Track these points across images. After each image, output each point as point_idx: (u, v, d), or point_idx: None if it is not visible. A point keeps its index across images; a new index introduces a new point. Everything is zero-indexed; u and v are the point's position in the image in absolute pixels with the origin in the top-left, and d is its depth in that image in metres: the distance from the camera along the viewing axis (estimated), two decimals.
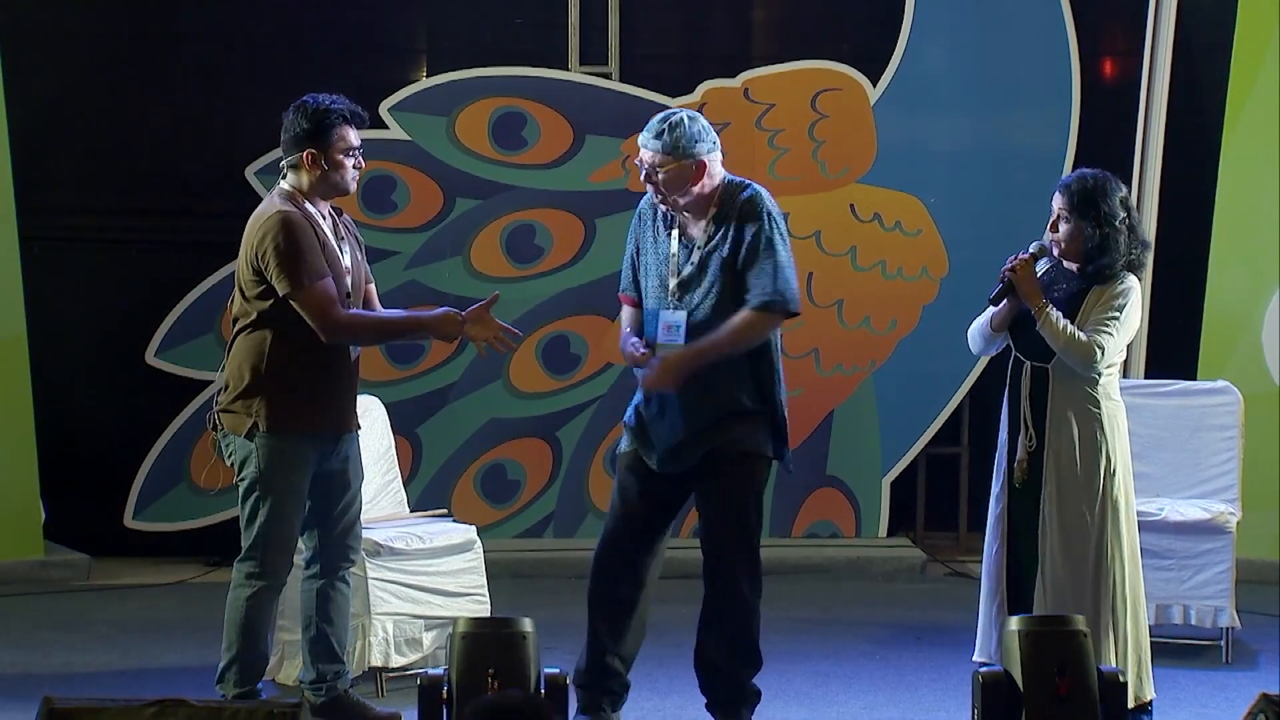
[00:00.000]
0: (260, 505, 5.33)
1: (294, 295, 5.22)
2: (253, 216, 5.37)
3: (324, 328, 5.25)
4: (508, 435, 8.22)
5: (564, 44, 8.41)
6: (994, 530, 5.58)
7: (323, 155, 5.34)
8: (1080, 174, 5.53)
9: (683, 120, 5.23)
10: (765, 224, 5.21)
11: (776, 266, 5.21)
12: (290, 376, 5.29)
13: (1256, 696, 3.90)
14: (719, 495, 5.30)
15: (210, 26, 8.31)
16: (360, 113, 5.47)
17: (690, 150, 5.19)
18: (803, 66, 8.29)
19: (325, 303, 5.24)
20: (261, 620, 5.40)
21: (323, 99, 5.44)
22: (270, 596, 5.41)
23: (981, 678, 4.18)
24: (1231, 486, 6.72)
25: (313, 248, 5.26)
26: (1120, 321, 5.38)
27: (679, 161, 5.19)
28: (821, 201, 8.25)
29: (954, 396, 8.34)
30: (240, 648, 5.37)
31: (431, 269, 8.15)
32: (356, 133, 5.42)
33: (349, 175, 5.40)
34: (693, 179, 5.22)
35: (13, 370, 7.71)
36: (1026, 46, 8.27)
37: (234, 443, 5.38)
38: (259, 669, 5.44)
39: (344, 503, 5.50)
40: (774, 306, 5.21)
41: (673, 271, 5.30)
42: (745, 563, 5.32)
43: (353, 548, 5.57)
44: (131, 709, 3.65)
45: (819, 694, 6.08)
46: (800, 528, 8.35)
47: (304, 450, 5.33)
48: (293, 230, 5.24)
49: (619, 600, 5.39)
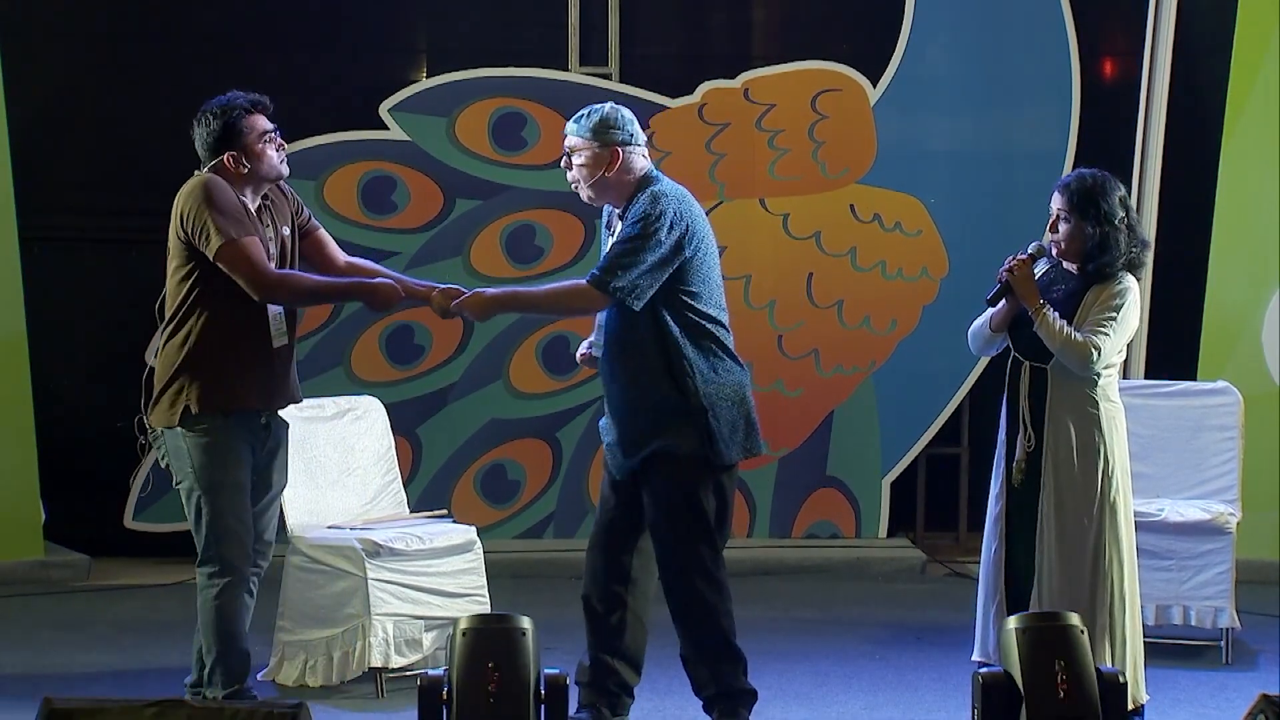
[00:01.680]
0: (203, 503, 5.30)
1: (224, 251, 5.17)
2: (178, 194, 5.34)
3: (256, 283, 5.21)
4: (508, 436, 8.22)
5: (564, 44, 8.41)
6: (992, 530, 5.58)
7: (241, 152, 5.32)
8: (1079, 173, 5.53)
9: (604, 109, 5.34)
10: (639, 212, 5.22)
11: (622, 251, 5.20)
12: (217, 356, 5.26)
13: (1256, 697, 3.89)
14: (652, 499, 5.34)
15: (210, 27, 8.32)
16: (260, 99, 5.43)
17: (603, 136, 5.28)
18: (803, 67, 8.29)
19: (256, 258, 5.21)
20: (235, 618, 5.34)
21: (221, 99, 5.40)
22: (237, 591, 5.35)
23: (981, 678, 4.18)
24: (1231, 487, 6.72)
25: (239, 209, 5.25)
26: (1117, 322, 5.38)
27: (591, 146, 5.29)
28: (821, 202, 8.26)
29: (954, 396, 8.34)
30: (220, 650, 5.34)
31: (431, 269, 8.13)
32: (264, 117, 5.39)
33: (274, 160, 5.36)
34: (606, 166, 5.28)
35: (13, 370, 7.71)
36: (1026, 46, 8.27)
37: (166, 440, 5.34)
38: (244, 666, 5.39)
39: (261, 504, 5.45)
40: (597, 282, 5.21)
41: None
42: (690, 562, 5.32)
43: (261, 553, 5.49)
44: (131, 709, 3.65)
45: (819, 694, 6.08)
46: (800, 528, 8.35)
47: (236, 434, 5.30)
48: (219, 189, 5.24)
49: (608, 598, 5.43)
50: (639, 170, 5.34)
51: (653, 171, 5.37)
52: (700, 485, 5.31)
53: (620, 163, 5.29)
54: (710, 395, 5.28)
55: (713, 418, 5.27)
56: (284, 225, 5.45)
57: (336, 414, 6.40)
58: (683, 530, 5.32)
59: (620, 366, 5.33)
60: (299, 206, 5.57)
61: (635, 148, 5.33)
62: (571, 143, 5.34)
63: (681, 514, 5.31)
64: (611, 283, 5.19)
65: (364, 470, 6.39)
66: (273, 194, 5.46)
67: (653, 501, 5.35)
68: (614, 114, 5.32)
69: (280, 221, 5.44)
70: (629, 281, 5.19)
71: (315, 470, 6.27)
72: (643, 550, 5.44)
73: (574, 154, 5.33)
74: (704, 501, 5.31)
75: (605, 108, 5.35)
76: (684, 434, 5.27)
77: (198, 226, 5.21)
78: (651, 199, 5.26)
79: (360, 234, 8.11)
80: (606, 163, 5.29)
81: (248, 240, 5.21)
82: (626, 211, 5.32)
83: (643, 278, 5.20)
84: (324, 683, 5.96)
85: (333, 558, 6.00)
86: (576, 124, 5.34)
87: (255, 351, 5.32)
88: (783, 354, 8.26)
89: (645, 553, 5.44)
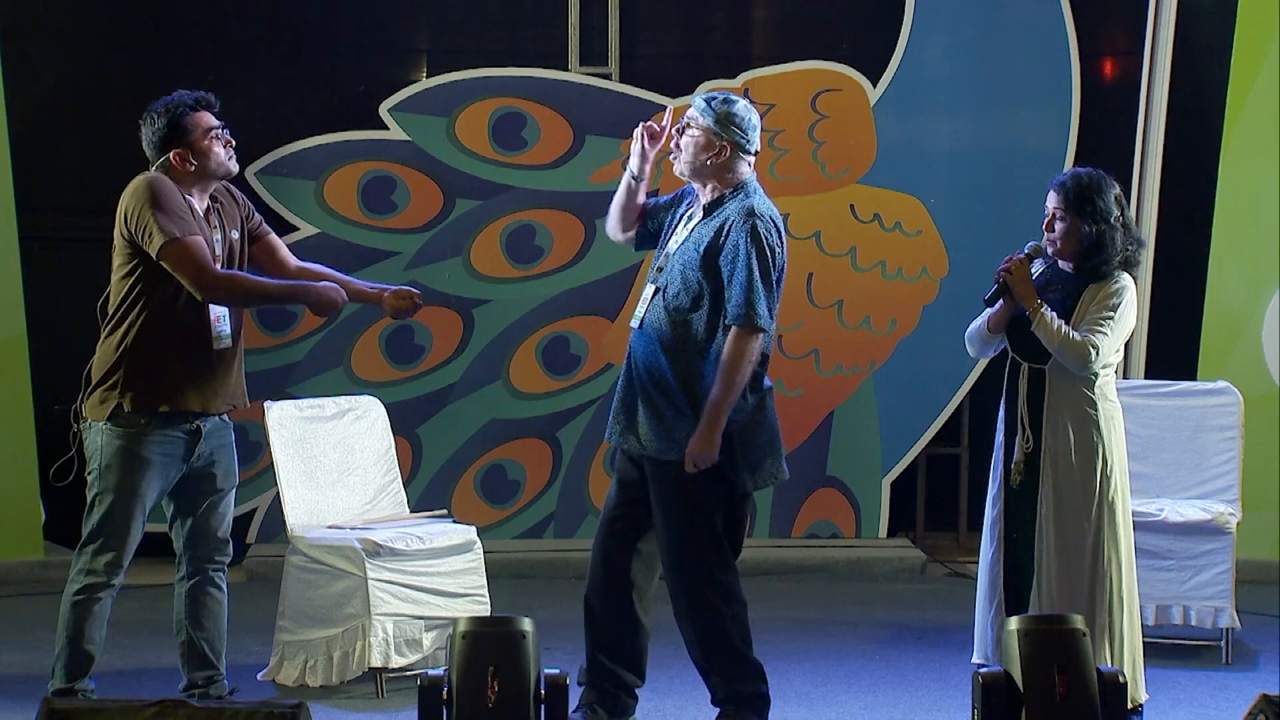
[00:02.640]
0: (100, 500, 5.30)
1: (167, 249, 5.15)
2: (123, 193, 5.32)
3: (199, 282, 5.19)
4: (508, 436, 8.23)
5: (564, 44, 8.41)
6: (991, 531, 5.58)
7: (188, 149, 5.29)
8: (1074, 172, 5.54)
9: (739, 103, 5.33)
10: (744, 236, 5.20)
11: (742, 282, 5.19)
12: (154, 356, 5.25)
13: (1256, 697, 3.90)
14: (655, 503, 5.34)
15: (210, 26, 8.32)
16: (205, 96, 5.40)
17: (724, 126, 5.26)
18: (803, 67, 8.30)
19: (200, 257, 5.18)
20: (86, 620, 5.31)
21: (167, 98, 5.38)
22: (98, 596, 5.32)
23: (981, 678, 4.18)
24: (1231, 487, 6.72)
25: (183, 207, 5.23)
26: (1115, 321, 5.38)
27: (709, 130, 5.27)
28: (821, 202, 8.26)
29: (954, 397, 8.34)
30: (63, 645, 5.32)
31: (431, 269, 8.15)
32: (210, 114, 5.36)
33: (221, 156, 5.33)
34: (713, 154, 5.28)
35: (13, 370, 7.71)
36: (1026, 46, 8.28)
37: (90, 430, 5.33)
38: (84, 666, 5.34)
39: (210, 503, 5.44)
40: (734, 323, 5.20)
41: (661, 248, 5.41)
42: (690, 567, 5.32)
43: (219, 549, 5.49)
44: (131, 709, 3.65)
45: (819, 694, 6.08)
46: (800, 528, 8.35)
47: (158, 443, 5.27)
48: (163, 188, 5.23)
49: (607, 599, 5.43)
50: (740, 174, 5.33)
51: (751, 181, 5.36)
52: (711, 496, 5.30)
53: (725, 159, 5.28)
54: (741, 420, 5.26)
55: (740, 442, 5.26)
56: (233, 228, 5.42)
57: (336, 414, 6.41)
58: (674, 535, 5.31)
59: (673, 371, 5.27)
60: (249, 211, 5.53)
61: (746, 155, 5.32)
62: (692, 115, 5.32)
63: (677, 518, 5.31)
64: (758, 319, 5.18)
65: (364, 470, 6.39)
66: (222, 197, 5.43)
67: (655, 506, 5.34)
68: (745, 114, 5.30)
69: (229, 224, 5.41)
70: (766, 308, 5.20)
71: (315, 470, 6.27)
72: (643, 552, 5.44)
73: (690, 127, 5.31)
74: (713, 510, 5.31)
75: (741, 104, 5.32)
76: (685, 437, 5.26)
77: (140, 225, 5.19)
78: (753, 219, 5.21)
79: (360, 234, 8.12)
80: (714, 152, 5.28)
81: (191, 239, 5.18)
82: (714, 209, 5.29)
83: (773, 300, 5.25)
84: (324, 683, 5.96)
85: (333, 558, 6.00)
86: (706, 103, 5.31)
87: (194, 353, 5.29)
88: (783, 354, 8.25)
89: (645, 554, 5.44)
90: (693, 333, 5.24)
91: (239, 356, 5.46)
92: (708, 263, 5.23)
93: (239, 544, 8.03)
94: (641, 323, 5.33)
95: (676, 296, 5.27)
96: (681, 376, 5.25)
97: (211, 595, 5.50)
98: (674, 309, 5.27)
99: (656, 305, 5.31)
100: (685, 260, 5.27)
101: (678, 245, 5.32)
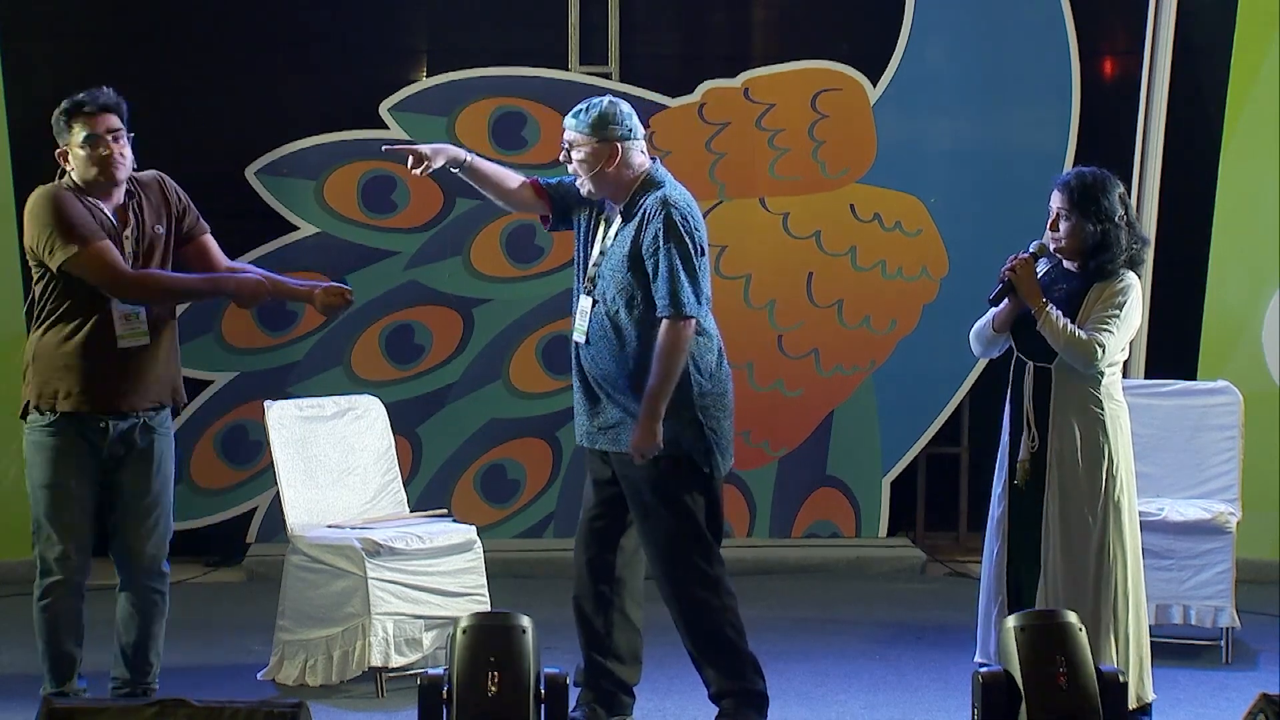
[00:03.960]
0: (31, 497, 5.31)
1: (73, 261, 5.11)
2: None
3: (112, 284, 5.15)
4: (508, 435, 8.22)
5: (564, 44, 8.41)
6: (995, 531, 5.57)
7: (66, 150, 5.25)
8: (1078, 171, 5.53)
9: (603, 103, 5.32)
10: (663, 227, 5.21)
11: (670, 275, 5.20)
12: (54, 356, 5.22)
13: (1256, 696, 3.90)
14: (631, 502, 5.37)
15: (210, 26, 8.31)
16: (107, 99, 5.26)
17: (603, 131, 5.26)
18: (803, 66, 8.29)
19: (109, 260, 5.13)
20: (57, 619, 5.31)
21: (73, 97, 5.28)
22: (60, 594, 5.31)
23: (981, 677, 4.18)
24: (1231, 486, 6.72)
25: (82, 215, 5.16)
26: (1120, 319, 5.38)
27: (590, 141, 5.27)
28: (821, 201, 8.26)
29: (954, 396, 8.34)
30: (43, 649, 5.33)
31: (431, 269, 8.15)
32: (99, 118, 5.22)
33: (94, 165, 5.20)
34: (605, 161, 5.27)
35: (13, 370, 7.69)
36: (1026, 46, 8.27)
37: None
38: (68, 668, 5.35)
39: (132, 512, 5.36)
40: (668, 315, 5.20)
41: (584, 260, 5.42)
42: (676, 562, 5.33)
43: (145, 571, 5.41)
44: (131, 709, 3.65)
45: (819, 693, 6.08)
46: (800, 528, 8.35)
47: (67, 438, 5.24)
48: (55, 199, 5.17)
49: (595, 598, 5.44)
50: (638, 166, 5.33)
51: (655, 168, 5.37)
52: (687, 488, 5.32)
53: (620, 158, 5.29)
54: (708, 406, 5.29)
55: (709, 429, 5.29)
56: (157, 222, 5.33)
57: (336, 414, 6.41)
58: (672, 531, 5.32)
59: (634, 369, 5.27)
60: (184, 208, 5.43)
61: (635, 142, 5.33)
62: (571, 137, 5.34)
63: (668, 516, 5.32)
64: (685, 308, 5.19)
65: (364, 470, 6.40)
66: (150, 189, 5.35)
67: (636, 504, 5.35)
68: (613, 109, 5.31)
69: (152, 218, 5.32)
70: (692, 295, 5.20)
71: (315, 470, 6.27)
72: (624, 549, 5.46)
73: (574, 148, 5.32)
74: (691, 502, 5.32)
75: (604, 102, 5.34)
76: (683, 440, 5.27)
77: (42, 244, 5.16)
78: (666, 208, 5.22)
79: (360, 234, 8.12)
80: (606, 157, 5.28)
81: (96, 246, 5.13)
82: (630, 210, 5.30)
83: (704, 285, 5.25)
84: (324, 682, 5.97)
85: (333, 557, 6.00)
86: (575, 118, 5.33)
87: (95, 354, 5.22)
88: (783, 354, 8.26)
89: (628, 551, 5.46)
90: (639, 334, 5.27)
91: (163, 354, 5.33)
92: (634, 263, 5.26)
93: (239, 544, 8.05)
94: (587, 338, 5.35)
95: (614, 302, 5.29)
96: (637, 377, 5.26)
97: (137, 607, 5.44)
98: (614, 314, 5.30)
99: (598, 315, 5.33)
100: (614, 266, 5.30)
101: (604, 255, 5.33)
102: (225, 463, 8.07)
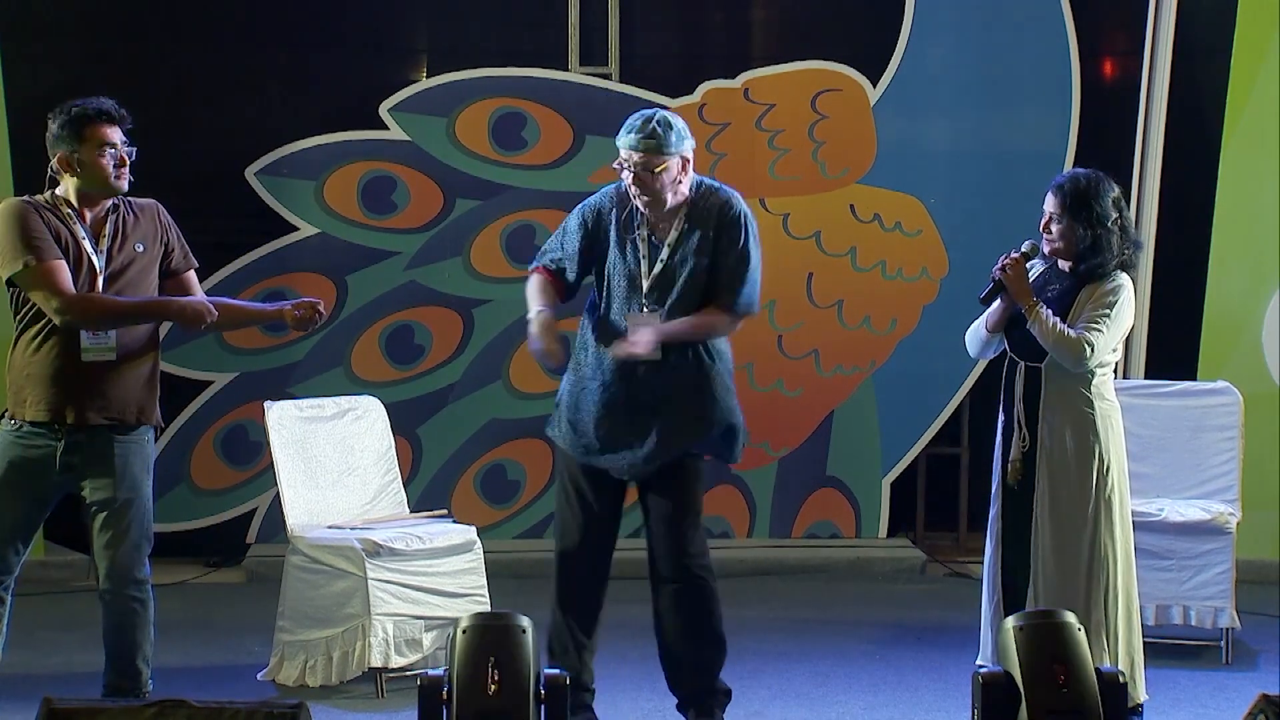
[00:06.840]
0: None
1: (20, 276, 5.10)
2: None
3: (53, 305, 5.11)
4: (508, 435, 8.23)
5: (564, 44, 8.41)
6: (992, 530, 5.58)
7: (77, 155, 5.22)
8: (1073, 174, 5.52)
9: (669, 118, 5.23)
10: (743, 231, 5.25)
11: (749, 275, 5.27)
12: (18, 363, 5.21)
13: (1256, 697, 3.90)
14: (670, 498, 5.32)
15: (210, 26, 8.32)
16: (117, 111, 5.29)
17: (680, 147, 5.21)
18: (803, 67, 8.30)
19: (54, 281, 5.09)
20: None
21: (80, 100, 5.30)
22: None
23: (981, 678, 4.18)
24: (1231, 487, 6.72)
25: (40, 232, 5.13)
26: (1111, 319, 5.37)
27: (668, 159, 5.18)
28: (821, 202, 8.26)
29: (954, 397, 8.34)
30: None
31: (431, 269, 8.16)
32: (115, 129, 5.25)
33: (108, 174, 5.21)
34: (681, 172, 5.23)
35: None
36: (1026, 46, 8.28)
37: None
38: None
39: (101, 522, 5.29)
40: (738, 311, 5.28)
41: (644, 273, 5.27)
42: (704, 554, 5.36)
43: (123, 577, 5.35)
44: (131, 709, 3.66)
45: (819, 694, 6.08)
46: (800, 528, 8.35)
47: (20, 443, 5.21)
48: (13, 214, 5.16)
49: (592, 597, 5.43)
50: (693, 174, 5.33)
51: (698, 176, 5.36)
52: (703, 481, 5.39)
53: (688, 170, 5.27)
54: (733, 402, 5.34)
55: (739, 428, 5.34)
56: (137, 241, 5.28)
57: (336, 414, 6.41)
58: (696, 523, 5.34)
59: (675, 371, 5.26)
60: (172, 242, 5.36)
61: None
62: (645, 158, 5.15)
63: (695, 509, 5.34)
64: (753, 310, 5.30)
65: (364, 470, 6.40)
66: (144, 215, 5.32)
67: (670, 501, 5.31)
68: (678, 123, 5.24)
69: (135, 237, 5.28)
70: (757, 297, 5.30)
71: (315, 470, 6.27)
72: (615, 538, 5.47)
73: (658, 170, 5.16)
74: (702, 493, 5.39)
75: (668, 117, 5.23)
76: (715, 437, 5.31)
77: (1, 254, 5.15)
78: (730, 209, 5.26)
79: (360, 234, 8.12)
80: (680, 171, 5.23)
81: (48, 264, 5.10)
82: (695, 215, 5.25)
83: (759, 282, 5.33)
84: (324, 683, 5.97)
85: (333, 558, 6.00)
86: (650, 139, 5.16)
87: (58, 364, 5.19)
88: (783, 354, 8.26)
89: None
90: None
91: (131, 373, 5.27)
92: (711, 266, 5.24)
93: (239, 544, 8.06)
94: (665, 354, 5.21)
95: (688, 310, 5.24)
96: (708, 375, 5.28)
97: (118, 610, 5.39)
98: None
99: None
100: (691, 273, 5.23)
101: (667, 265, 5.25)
102: (225, 463, 8.07)
